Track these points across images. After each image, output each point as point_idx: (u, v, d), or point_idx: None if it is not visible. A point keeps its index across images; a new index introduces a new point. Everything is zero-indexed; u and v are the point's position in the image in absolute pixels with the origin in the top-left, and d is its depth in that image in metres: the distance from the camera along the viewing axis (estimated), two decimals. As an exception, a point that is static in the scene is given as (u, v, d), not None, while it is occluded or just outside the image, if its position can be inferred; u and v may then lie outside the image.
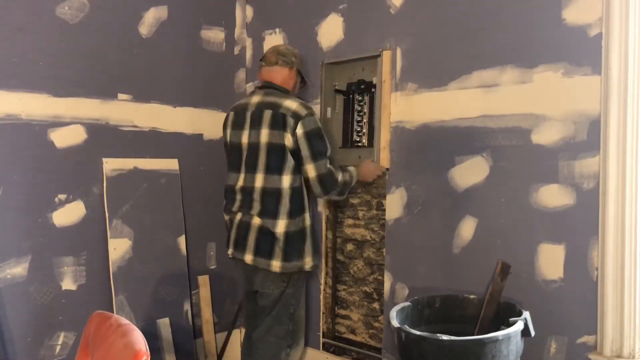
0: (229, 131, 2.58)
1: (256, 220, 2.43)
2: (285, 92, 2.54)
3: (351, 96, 2.84)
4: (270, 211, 2.41)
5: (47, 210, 2.64)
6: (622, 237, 1.97)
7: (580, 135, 2.07)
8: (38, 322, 2.61)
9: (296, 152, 2.39)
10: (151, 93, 2.99)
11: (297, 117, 2.38)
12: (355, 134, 2.83)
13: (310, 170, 2.39)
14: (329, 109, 2.91)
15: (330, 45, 2.90)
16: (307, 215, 2.48)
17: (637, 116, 1.95)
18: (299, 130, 2.37)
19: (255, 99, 2.52)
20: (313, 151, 2.38)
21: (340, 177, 2.46)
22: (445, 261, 2.46)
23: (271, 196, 2.41)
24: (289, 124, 2.37)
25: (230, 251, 2.56)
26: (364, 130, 2.79)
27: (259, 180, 2.43)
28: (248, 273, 2.52)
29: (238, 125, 2.53)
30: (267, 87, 2.55)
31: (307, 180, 2.43)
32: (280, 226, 2.40)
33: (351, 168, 2.57)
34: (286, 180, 2.40)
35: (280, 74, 2.57)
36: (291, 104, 2.41)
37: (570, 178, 2.10)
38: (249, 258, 2.45)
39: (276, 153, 2.40)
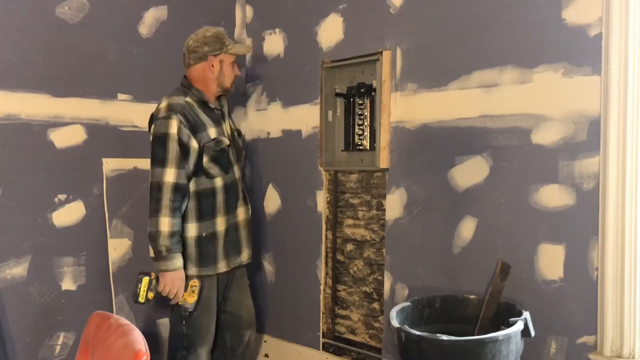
0: None
1: None
2: (187, 87, 2.46)
3: (352, 100, 2.84)
4: None
5: (47, 210, 2.64)
6: (622, 237, 1.97)
7: (580, 135, 2.07)
8: (38, 322, 2.61)
9: None
10: (151, 93, 2.98)
11: (154, 117, 2.37)
12: (357, 137, 2.83)
13: (150, 175, 2.32)
14: (329, 112, 2.91)
15: (330, 46, 2.90)
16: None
17: (637, 116, 1.95)
18: (151, 131, 2.36)
19: None
20: (152, 155, 2.31)
21: (166, 202, 2.23)
22: (445, 261, 2.46)
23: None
24: (150, 124, 2.40)
25: None
26: (366, 134, 2.79)
27: None
28: None
29: None
30: (181, 83, 2.51)
31: None
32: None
33: (170, 246, 2.25)
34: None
35: (193, 73, 2.47)
36: (162, 102, 2.38)
37: (570, 178, 2.09)
38: None
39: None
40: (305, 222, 3.02)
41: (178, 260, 2.27)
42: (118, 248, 2.84)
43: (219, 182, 2.43)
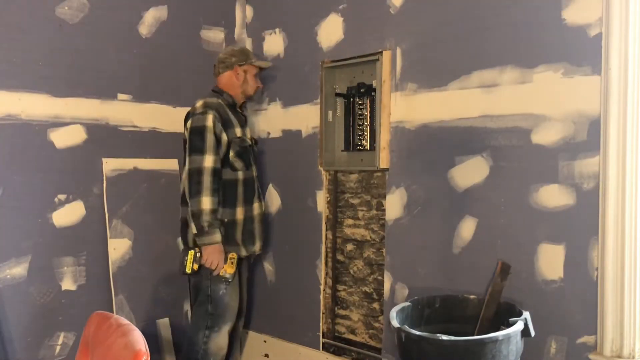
0: None
1: None
2: (219, 93, 2.77)
3: (352, 100, 2.85)
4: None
5: (47, 210, 2.64)
6: (622, 237, 1.97)
7: (580, 135, 2.07)
8: (38, 322, 2.62)
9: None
10: (151, 93, 2.99)
11: (191, 113, 2.66)
12: (357, 137, 2.83)
13: (186, 163, 2.60)
14: (329, 112, 2.91)
15: (330, 46, 2.90)
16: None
17: (637, 116, 1.95)
18: (187, 125, 2.63)
19: None
20: (190, 145, 2.59)
21: (207, 184, 2.52)
22: (445, 261, 2.46)
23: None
24: (186, 119, 2.68)
25: None
26: (366, 134, 2.79)
27: None
28: None
29: None
30: (212, 90, 2.81)
31: None
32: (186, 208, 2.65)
33: (208, 225, 2.53)
34: (185, 169, 2.63)
35: (222, 80, 2.80)
36: (197, 102, 2.67)
37: (570, 178, 2.09)
38: None
39: (183, 145, 2.70)
40: (305, 222, 3.02)
41: (217, 235, 2.57)
42: (118, 248, 2.84)
43: (240, 175, 2.71)
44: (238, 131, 2.71)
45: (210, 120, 2.58)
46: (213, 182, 2.56)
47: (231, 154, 2.66)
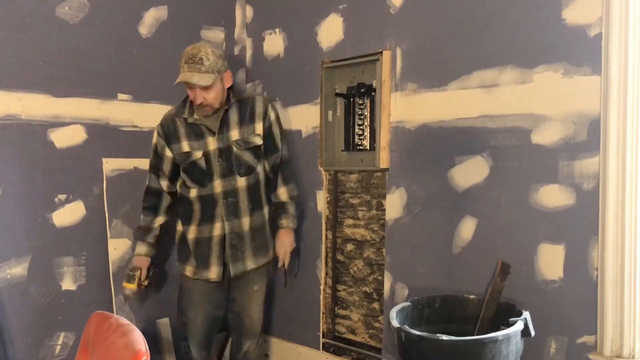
0: None
1: None
2: (183, 100, 2.64)
3: (352, 100, 2.84)
4: None
5: (47, 210, 2.64)
6: (622, 237, 1.97)
7: (580, 135, 2.07)
8: (38, 322, 2.62)
9: None
10: (151, 93, 2.99)
11: None
12: (357, 137, 2.83)
13: None
14: (329, 112, 2.91)
15: (330, 46, 2.90)
16: (179, 223, 2.68)
17: (637, 116, 1.95)
18: None
19: None
20: None
21: (143, 202, 2.71)
22: (445, 261, 2.46)
23: None
24: None
25: None
26: (366, 134, 2.79)
27: None
28: None
29: None
30: None
31: None
32: None
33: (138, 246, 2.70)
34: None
35: None
36: None
37: (570, 178, 2.10)
38: None
39: None
40: (305, 222, 3.02)
41: (138, 248, 2.68)
42: (118, 248, 2.84)
43: (193, 192, 2.61)
44: (185, 146, 2.55)
45: (155, 137, 2.64)
46: (145, 201, 2.68)
47: (181, 170, 2.63)
